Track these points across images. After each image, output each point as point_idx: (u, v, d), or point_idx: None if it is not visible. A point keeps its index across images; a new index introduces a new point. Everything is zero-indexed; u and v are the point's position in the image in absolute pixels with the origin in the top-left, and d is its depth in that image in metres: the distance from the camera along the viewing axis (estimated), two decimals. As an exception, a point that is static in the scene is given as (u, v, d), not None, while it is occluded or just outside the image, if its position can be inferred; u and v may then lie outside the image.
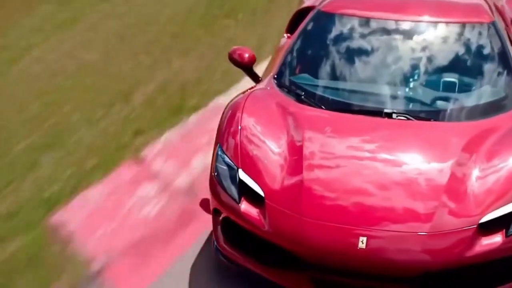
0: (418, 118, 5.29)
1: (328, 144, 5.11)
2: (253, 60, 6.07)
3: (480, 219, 4.60)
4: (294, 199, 4.78)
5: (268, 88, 5.73)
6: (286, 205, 4.77)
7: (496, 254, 4.56)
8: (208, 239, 5.52)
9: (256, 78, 6.12)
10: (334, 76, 5.70)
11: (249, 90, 5.72)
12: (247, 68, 6.08)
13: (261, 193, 4.86)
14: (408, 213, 4.63)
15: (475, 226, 4.58)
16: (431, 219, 4.58)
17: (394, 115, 5.29)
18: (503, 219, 4.64)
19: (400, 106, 5.40)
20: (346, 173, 4.88)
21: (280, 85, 5.71)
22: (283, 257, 4.74)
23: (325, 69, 5.75)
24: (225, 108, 5.54)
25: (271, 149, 5.10)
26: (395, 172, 4.88)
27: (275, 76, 5.83)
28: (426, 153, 5.01)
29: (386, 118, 5.30)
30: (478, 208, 4.65)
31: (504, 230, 4.61)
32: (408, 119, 5.29)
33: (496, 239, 4.58)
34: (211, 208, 5.16)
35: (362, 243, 4.54)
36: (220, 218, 5.06)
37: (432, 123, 5.26)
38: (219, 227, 5.09)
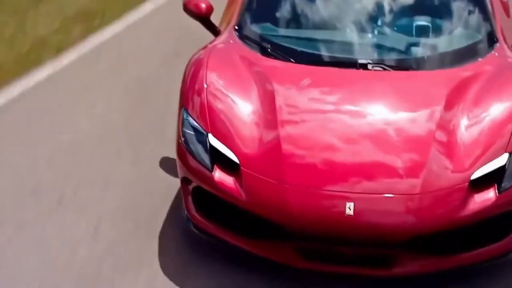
0: (396, 68, 4.97)
1: (304, 103, 4.76)
2: (210, 11, 5.66)
3: (472, 174, 4.33)
4: (273, 164, 4.43)
5: (231, 41, 5.32)
6: (265, 172, 4.42)
7: (489, 212, 4.31)
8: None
9: (214, 30, 5.71)
10: (301, 24, 5.33)
11: (209, 45, 5.30)
12: (205, 19, 5.67)
13: (236, 159, 4.50)
14: (398, 174, 4.32)
15: (467, 182, 4.31)
16: (421, 179, 4.29)
17: (369, 66, 4.96)
18: (494, 173, 4.38)
19: (374, 55, 5.07)
20: (327, 133, 4.54)
21: (243, 37, 5.32)
22: (264, 227, 4.41)
23: (291, 17, 5.37)
24: (187, 66, 5.13)
25: (241, 111, 4.72)
26: (380, 128, 4.56)
27: (236, 27, 5.43)
28: (410, 106, 4.70)
29: (361, 70, 4.96)
30: (469, 162, 4.38)
31: (495, 186, 4.35)
32: (385, 69, 4.96)
33: (489, 195, 4.32)
34: (180, 176, 4.78)
35: (350, 209, 4.24)
36: (191, 187, 4.68)
37: (411, 72, 4.95)
38: (189, 197, 4.72)
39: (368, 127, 4.56)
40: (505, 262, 4.57)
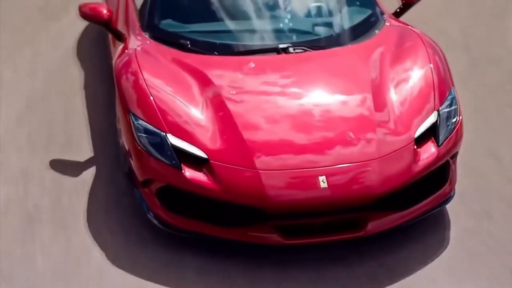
0: (315, 48, 5.37)
1: (248, 90, 5.06)
2: (112, 15, 5.71)
3: (414, 133, 4.86)
4: (240, 153, 4.70)
5: (148, 42, 5.45)
6: (234, 161, 4.68)
7: (434, 164, 4.87)
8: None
9: (117, 34, 5.74)
10: (213, 18, 5.53)
11: (126, 51, 5.39)
12: (107, 25, 5.70)
13: (203, 154, 4.72)
14: (355, 143, 4.77)
15: (412, 142, 4.84)
16: (376, 145, 4.76)
17: (291, 49, 5.32)
18: (430, 130, 4.95)
19: (290, 38, 5.43)
20: (282, 116, 4.89)
21: (158, 37, 5.45)
22: (241, 214, 4.68)
23: (201, 12, 5.57)
24: (116, 74, 5.21)
25: (191, 108, 4.93)
26: (326, 105, 4.98)
27: (145, 28, 5.55)
28: (344, 82, 5.15)
29: (283, 54, 5.32)
30: (409, 123, 4.91)
31: (433, 141, 4.92)
32: (305, 50, 5.35)
33: (432, 150, 4.88)
34: (140, 179, 4.90)
35: (323, 182, 4.62)
36: (155, 188, 4.83)
37: (329, 50, 5.38)
38: (153, 197, 4.86)
39: (316, 105, 4.96)
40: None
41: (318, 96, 5.03)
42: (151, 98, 4.92)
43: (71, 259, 4.81)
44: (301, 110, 4.92)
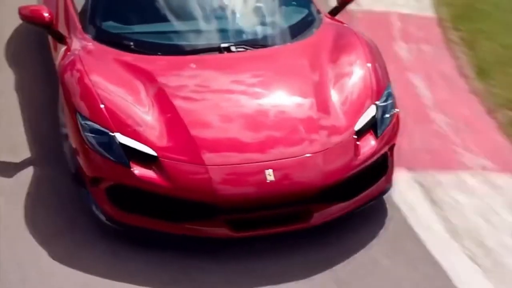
0: (256, 46, 5.53)
1: (193, 89, 5.20)
2: (53, 17, 5.76)
3: (354, 126, 5.07)
4: (188, 150, 4.83)
5: (90, 44, 5.52)
6: (183, 158, 4.80)
7: (373, 155, 5.09)
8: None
9: (60, 37, 5.78)
10: (155, 18, 5.61)
11: (69, 53, 5.45)
12: (49, 28, 5.74)
13: (151, 152, 4.82)
14: (300, 138, 4.95)
15: (353, 134, 5.04)
16: (319, 138, 4.95)
17: (233, 48, 5.46)
18: (369, 123, 5.16)
19: (232, 38, 5.56)
20: (227, 113, 5.04)
21: (101, 39, 5.52)
22: (190, 209, 4.80)
23: (143, 13, 5.67)
24: (60, 76, 5.28)
25: (138, 107, 5.03)
26: (271, 103, 5.15)
27: (87, 30, 5.61)
28: (287, 79, 5.32)
29: (225, 53, 5.46)
30: (349, 117, 5.11)
31: (373, 133, 5.13)
32: (247, 49, 5.50)
33: (371, 142, 5.10)
34: (89, 179, 4.98)
35: (270, 175, 4.78)
36: (104, 186, 4.91)
37: (270, 49, 5.54)
38: (102, 195, 4.93)
39: (260, 101, 5.14)
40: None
41: (262, 93, 5.20)
42: (98, 98, 5.00)
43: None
44: (247, 107, 5.08)
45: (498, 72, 6.59)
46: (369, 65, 5.40)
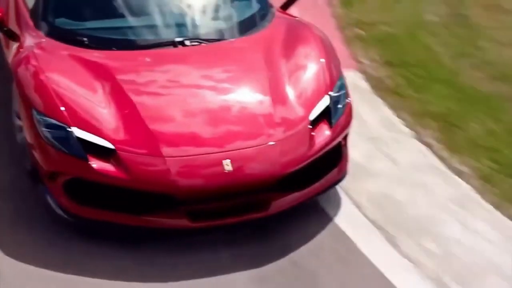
0: (210, 40, 5.59)
1: (149, 82, 5.23)
2: (3, 15, 5.74)
3: (309, 116, 5.15)
4: (146, 142, 4.86)
5: (43, 40, 5.51)
6: (141, 150, 4.83)
7: (328, 145, 5.18)
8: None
9: (12, 34, 5.76)
10: (108, 15, 5.64)
11: (22, 49, 5.44)
12: (0, 25, 5.72)
13: (109, 145, 4.84)
14: (255, 127, 5.03)
15: (308, 124, 5.13)
16: (275, 128, 5.02)
17: (187, 42, 5.51)
18: (323, 113, 5.25)
19: (186, 32, 5.61)
20: (182, 105, 5.08)
21: (54, 35, 5.52)
22: (150, 201, 4.83)
23: (96, 9, 5.68)
24: (15, 72, 5.27)
25: (94, 101, 5.04)
26: (226, 95, 5.21)
27: (39, 27, 5.61)
28: (243, 71, 5.41)
29: (180, 47, 5.50)
30: (303, 108, 5.20)
31: (327, 123, 5.23)
32: (201, 43, 5.56)
33: (326, 131, 5.19)
34: (46, 174, 4.98)
35: (228, 165, 4.84)
36: (62, 180, 4.92)
37: (225, 42, 5.61)
38: (60, 189, 4.94)
39: (217, 94, 5.19)
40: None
41: (217, 86, 5.25)
42: (53, 93, 5.00)
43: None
44: (204, 100, 5.13)
45: (359, 1, 8.21)
46: (322, 57, 5.50)
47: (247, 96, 5.22)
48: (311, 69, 5.44)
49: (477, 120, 6.26)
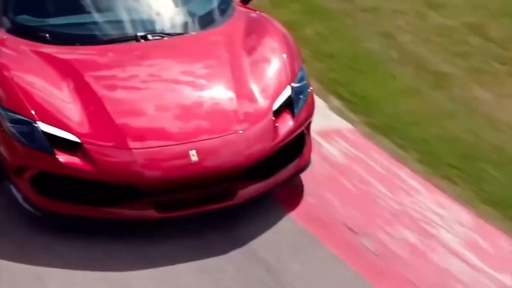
0: (173, 34, 5.66)
1: (115, 76, 5.29)
2: None
3: (272, 107, 5.25)
4: (112, 135, 4.91)
5: (5, 37, 5.54)
6: (108, 143, 4.89)
7: (291, 134, 5.29)
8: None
9: None
10: (70, 10, 5.68)
11: None
12: None
13: (75, 138, 4.89)
14: (220, 119, 5.11)
15: (272, 115, 5.23)
16: (240, 119, 5.11)
17: (149, 36, 5.58)
18: (285, 103, 5.35)
19: (147, 26, 5.67)
20: (148, 98, 5.15)
21: (16, 31, 5.55)
22: (117, 193, 4.89)
23: (56, 3, 5.72)
24: None
25: (59, 95, 5.09)
26: (191, 88, 5.29)
27: (0, 23, 5.63)
28: (205, 64, 5.49)
29: (142, 41, 5.57)
30: (267, 99, 5.29)
31: (289, 112, 5.33)
32: (163, 37, 5.62)
33: (289, 121, 5.29)
34: (12, 169, 5.01)
35: (194, 156, 4.91)
36: (29, 175, 4.95)
37: (187, 36, 5.69)
38: (27, 184, 4.97)
39: (181, 87, 5.27)
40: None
41: (182, 79, 5.33)
42: (18, 88, 5.04)
43: None
44: (169, 93, 5.21)
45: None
46: (283, 50, 5.61)
47: (211, 88, 5.30)
48: (273, 61, 5.54)
49: (312, 26, 7.94)
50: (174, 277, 4.74)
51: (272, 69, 5.49)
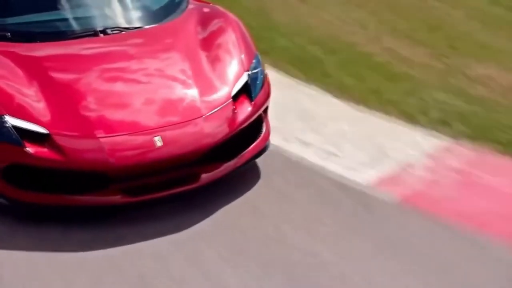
0: (129, 28, 5.89)
1: (74, 69, 5.50)
2: None
3: (231, 92, 5.51)
4: (80, 124, 5.13)
5: None
6: (75, 132, 5.10)
7: (250, 117, 5.55)
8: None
9: None
10: (30, 8, 5.88)
11: None
12: None
13: (44, 130, 5.09)
14: (183, 107, 5.37)
15: (231, 100, 5.48)
16: (201, 104, 5.38)
17: (108, 31, 5.80)
18: (243, 89, 5.62)
19: (105, 21, 5.88)
20: (115, 88, 5.42)
21: None
22: (87, 181, 5.10)
23: (15, 2, 5.90)
24: None
25: (24, 90, 5.28)
26: (153, 77, 5.56)
27: None
28: (164, 55, 5.73)
29: (102, 36, 5.79)
30: (225, 85, 5.56)
31: (247, 98, 5.60)
32: (122, 31, 5.85)
33: (247, 105, 5.56)
34: None
35: (159, 141, 5.15)
36: (0, 168, 5.13)
37: (145, 29, 5.92)
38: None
39: (143, 76, 5.52)
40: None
41: (144, 70, 5.58)
42: None
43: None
44: (131, 83, 5.46)
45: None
46: (237, 38, 5.88)
47: (171, 79, 5.55)
48: (229, 51, 5.80)
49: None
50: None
51: (228, 58, 5.76)
